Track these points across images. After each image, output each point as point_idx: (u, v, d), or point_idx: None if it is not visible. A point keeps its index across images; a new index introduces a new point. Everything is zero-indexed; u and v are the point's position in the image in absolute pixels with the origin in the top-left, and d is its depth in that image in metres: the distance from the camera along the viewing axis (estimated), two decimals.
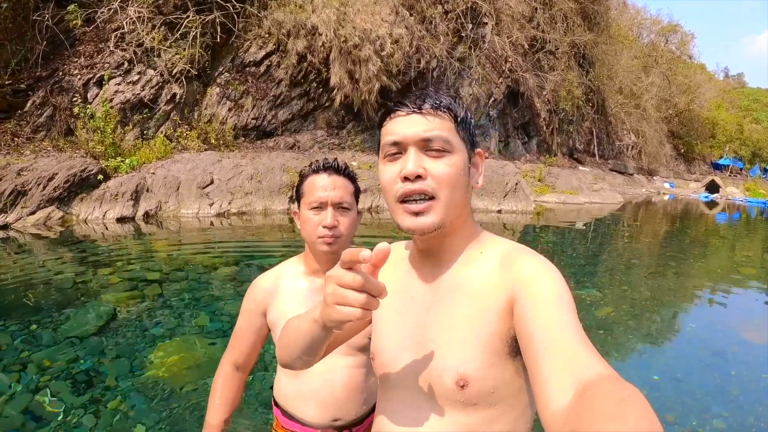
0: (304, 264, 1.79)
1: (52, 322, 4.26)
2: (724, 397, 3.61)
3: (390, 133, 1.05)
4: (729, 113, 52.74)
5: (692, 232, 14.57)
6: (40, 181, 9.02)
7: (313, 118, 15.89)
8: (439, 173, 1.00)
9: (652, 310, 5.85)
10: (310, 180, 1.67)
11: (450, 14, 18.90)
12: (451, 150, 1.03)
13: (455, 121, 1.05)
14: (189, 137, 13.15)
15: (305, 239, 1.71)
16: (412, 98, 1.05)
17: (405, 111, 1.04)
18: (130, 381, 3.35)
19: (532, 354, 0.83)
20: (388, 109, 1.09)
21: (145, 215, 9.98)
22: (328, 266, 1.73)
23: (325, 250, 1.64)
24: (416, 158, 1.01)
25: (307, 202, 1.66)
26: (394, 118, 1.05)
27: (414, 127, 1.02)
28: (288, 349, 1.14)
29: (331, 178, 1.65)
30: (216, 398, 1.82)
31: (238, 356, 1.84)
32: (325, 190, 1.63)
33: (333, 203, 1.63)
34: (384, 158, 1.07)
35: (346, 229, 1.66)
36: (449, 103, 1.06)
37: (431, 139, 1.01)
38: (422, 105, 1.03)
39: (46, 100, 11.33)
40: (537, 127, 24.53)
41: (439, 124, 1.02)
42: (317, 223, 1.63)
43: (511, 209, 14.81)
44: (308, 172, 1.70)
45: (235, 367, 1.85)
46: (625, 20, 39.71)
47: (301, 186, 1.71)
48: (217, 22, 13.29)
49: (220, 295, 5.30)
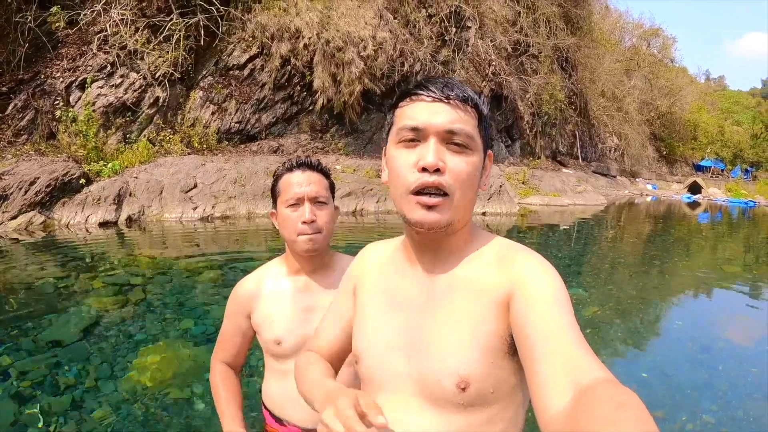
0: (286, 265, 1.77)
1: (33, 328, 4.18)
2: (712, 392, 3.63)
3: (409, 117, 0.98)
4: (710, 115, 53.43)
5: (675, 232, 14.72)
6: (22, 185, 8.89)
7: (296, 122, 15.83)
8: (457, 170, 0.95)
9: (639, 309, 5.88)
10: (285, 178, 1.67)
11: (434, 18, 18.96)
12: (473, 148, 0.98)
13: (479, 118, 1.00)
14: (172, 141, 13.04)
15: (285, 239, 1.69)
16: (438, 84, 0.98)
17: (430, 97, 0.97)
18: (113, 386, 3.29)
19: (529, 355, 0.82)
20: (409, 90, 1.01)
21: (128, 220, 9.87)
22: (310, 264, 1.72)
23: (306, 248, 1.62)
24: (437, 150, 0.95)
25: (283, 200, 1.65)
26: (416, 102, 0.98)
27: (439, 117, 0.95)
28: None
29: (305, 174, 1.65)
30: (221, 395, 1.78)
31: (226, 357, 1.82)
32: (300, 186, 1.62)
33: (309, 198, 1.62)
34: (398, 143, 1.00)
35: (325, 223, 1.65)
36: (476, 98, 1.01)
37: (456, 132, 0.95)
38: (449, 94, 0.97)
39: (27, 103, 11.17)
40: (520, 130, 24.67)
41: (464, 117, 0.97)
42: (296, 219, 1.61)
43: (495, 211, 14.86)
44: (282, 171, 1.69)
45: (226, 366, 1.83)
46: (607, 24, 40.14)
47: (277, 185, 1.69)
48: (200, 25, 13.19)
49: (204, 299, 5.24)
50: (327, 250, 1.74)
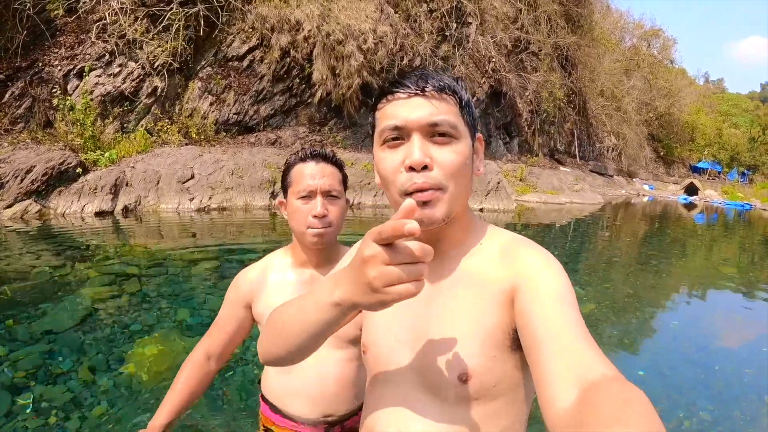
0: (292, 256, 1.73)
1: (28, 317, 4.15)
2: (708, 391, 3.64)
3: (390, 116, 0.95)
4: (708, 117, 53.65)
5: (672, 232, 14.75)
6: (18, 173, 8.85)
7: (295, 115, 15.79)
8: (446, 162, 0.93)
9: (635, 307, 5.90)
10: (298, 168, 1.61)
11: (435, 13, 18.92)
12: (458, 136, 0.95)
13: (460, 104, 0.98)
14: (170, 131, 13.00)
15: (293, 230, 1.64)
16: (412, 78, 0.96)
17: (406, 93, 0.94)
18: (108, 377, 3.27)
19: (534, 351, 0.81)
20: (384, 89, 0.99)
21: (125, 209, 9.84)
22: (317, 258, 1.68)
23: (315, 242, 1.58)
24: (422, 146, 0.92)
25: (295, 191, 1.59)
26: (393, 101, 0.96)
27: (418, 111, 0.93)
28: (281, 341, 1.02)
29: (319, 165, 1.59)
30: (176, 383, 1.69)
31: (214, 345, 1.76)
32: (313, 178, 1.57)
33: (322, 191, 1.57)
34: (382, 144, 0.98)
35: (336, 218, 1.60)
36: (453, 84, 0.98)
37: (438, 123, 0.93)
38: (425, 86, 0.94)
39: (25, 91, 11.11)
40: (519, 128, 24.68)
41: (444, 107, 0.94)
42: (306, 212, 1.57)
43: (492, 208, 14.89)
44: (295, 160, 1.63)
45: (207, 356, 1.75)
46: (608, 24, 40.18)
47: (288, 175, 1.63)
48: (200, 15, 13.14)
49: (200, 290, 5.23)
50: (335, 244, 1.71)
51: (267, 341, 1.08)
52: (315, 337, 0.96)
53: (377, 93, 1.02)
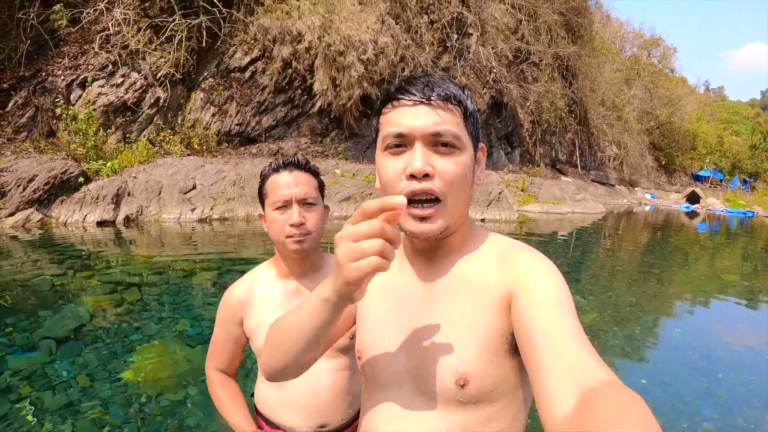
0: (276, 268, 1.74)
1: (29, 325, 4.15)
2: (712, 400, 3.61)
3: (393, 123, 0.96)
4: (709, 126, 53.69)
5: (674, 240, 14.71)
6: (20, 182, 8.88)
7: (296, 126, 15.85)
8: (447, 173, 0.93)
9: (637, 316, 5.87)
10: (272, 179, 1.62)
11: (435, 24, 19.01)
12: (460, 147, 0.96)
13: (464, 114, 0.98)
14: (172, 142, 13.05)
15: (274, 241, 1.66)
16: (418, 86, 0.96)
17: (411, 100, 0.95)
18: (107, 385, 3.25)
19: (532, 356, 0.80)
20: (390, 95, 0.99)
21: (126, 219, 9.85)
22: (300, 267, 1.68)
23: (295, 249, 1.59)
24: (424, 155, 0.93)
25: (271, 203, 1.61)
26: (398, 107, 0.96)
27: (422, 120, 0.93)
28: (282, 352, 1.04)
29: (293, 174, 1.60)
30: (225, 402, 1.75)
31: (220, 365, 1.79)
32: (288, 187, 1.58)
33: (297, 200, 1.58)
34: (385, 150, 0.98)
35: (314, 225, 1.61)
36: (459, 93, 0.98)
37: (441, 133, 0.93)
38: (431, 95, 0.94)
39: (28, 100, 11.20)
40: (520, 138, 24.72)
41: (448, 117, 0.95)
42: (284, 222, 1.58)
43: (494, 218, 14.86)
44: (269, 171, 1.65)
45: (220, 371, 1.80)
46: (608, 33, 40.33)
47: (263, 187, 1.65)
48: (203, 26, 13.24)
49: (200, 301, 5.21)
50: (317, 251, 1.70)
51: (268, 355, 1.09)
52: (312, 342, 0.97)
53: (382, 97, 1.02)
